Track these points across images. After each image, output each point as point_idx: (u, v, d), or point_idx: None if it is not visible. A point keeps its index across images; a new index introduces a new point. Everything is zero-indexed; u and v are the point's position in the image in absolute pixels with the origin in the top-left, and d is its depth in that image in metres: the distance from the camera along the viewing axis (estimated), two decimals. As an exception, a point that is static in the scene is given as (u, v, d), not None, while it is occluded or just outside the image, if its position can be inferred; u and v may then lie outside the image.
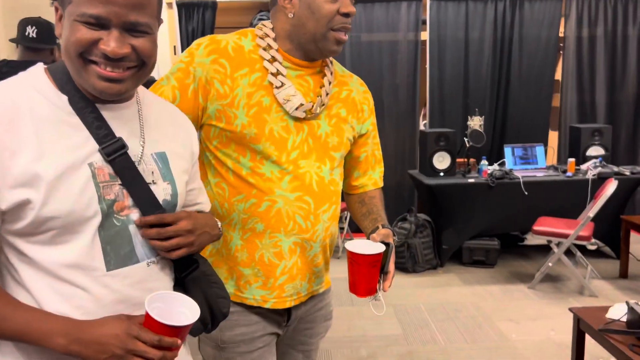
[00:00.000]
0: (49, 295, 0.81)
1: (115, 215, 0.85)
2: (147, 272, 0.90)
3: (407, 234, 3.95)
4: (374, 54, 4.84)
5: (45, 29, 2.38)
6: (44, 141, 0.79)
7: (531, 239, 4.65)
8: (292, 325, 1.33)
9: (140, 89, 0.96)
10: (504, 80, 4.89)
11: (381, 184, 1.44)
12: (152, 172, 0.91)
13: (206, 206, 1.10)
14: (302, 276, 1.26)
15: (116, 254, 0.85)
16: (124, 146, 0.86)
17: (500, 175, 3.93)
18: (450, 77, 4.85)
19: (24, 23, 2.38)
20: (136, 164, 0.88)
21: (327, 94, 1.24)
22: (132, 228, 0.87)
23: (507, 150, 4.28)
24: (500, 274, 3.97)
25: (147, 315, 0.79)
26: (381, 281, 1.18)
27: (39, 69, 0.87)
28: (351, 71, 1.41)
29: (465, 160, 4.22)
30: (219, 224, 1.06)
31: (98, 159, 0.83)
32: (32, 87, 0.83)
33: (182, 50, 4.85)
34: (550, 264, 3.58)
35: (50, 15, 4.61)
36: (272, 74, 1.19)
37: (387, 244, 1.19)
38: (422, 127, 5.01)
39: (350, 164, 1.39)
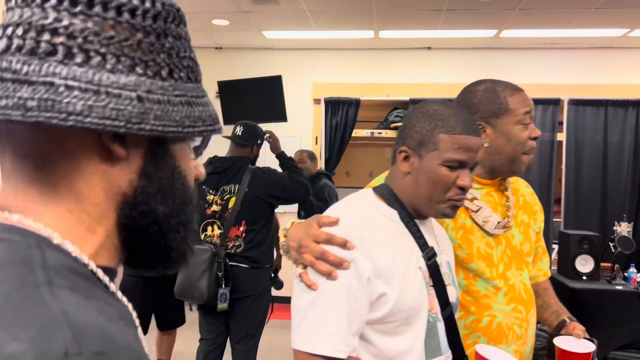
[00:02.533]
0: None
1: (429, 312, 1.04)
2: None
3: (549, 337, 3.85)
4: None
5: (250, 129, 2.81)
6: (389, 246, 1.00)
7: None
8: None
9: None
10: (646, 185, 4.79)
11: (549, 274, 1.51)
12: (447, 276, 1.10)
13: None
14: None
15: (429, 346, 1.03)
16: (435, 253, 1.07)
17: (652, 284, 3.78)
18: (587, 178, 4.84)
19: (236, 125, 2.83)
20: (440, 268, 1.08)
21: (512, 208, 1.36)
22: (440, 325, 1.05)
23: (656, 258, 4.12)
24: (652, 391, 3.71)
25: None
26: None
27: (368, 192, 1.12)
28: None
29: (610, 265, 4.11)
30: None
31: (423, 264, 1.04)
32: (370, 206, 1.07)
33: (325, 141, 5.30)
34: None
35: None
36: (468, 199, 1.31)
37: (591, 340, 1.25)
38: (561, 228, 4.96)
39: None
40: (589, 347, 1.23)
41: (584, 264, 4.03)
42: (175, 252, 0.53)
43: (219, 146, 2.86)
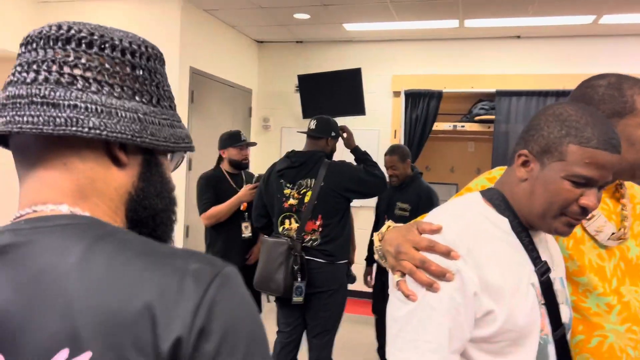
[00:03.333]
0: None
1: (540, 334, 0.93)
2: None
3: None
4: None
5: (323, 122, 2.80)
6: (499, 258, 0.91)
7: None
8: None
9: None
10: None
11: None
12: (560, 294, 0.99)
13: None
14: None
15: None
16: (549, 269, 0.96)
17: None
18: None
19: (311, 119, 2.84)
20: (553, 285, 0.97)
21: (629, 217, 1.21)
22: (551, 347, 0.95)
23: None
24: None
25: None
26: None
27: (475, 196, 1.02)
28: None
29: None
30: None
31: (535, 280, 0.94)
32: (478, 212, 0.98)
33: (404, 134, 5.20)
34: None
35: (292, 102, 5.28)
36: None
37: None
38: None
39: None
40: None
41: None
42: (163, 240, 0.66)
43: (299, 141, 2.89)
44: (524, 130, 0.98)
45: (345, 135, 2.91)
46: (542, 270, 0.95)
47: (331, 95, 5.19)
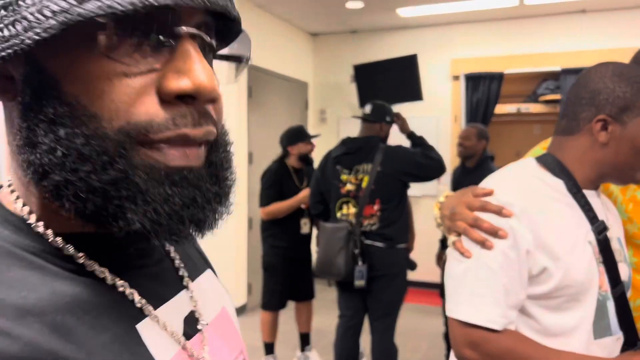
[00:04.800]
0: None
1: (599, 290, 0.93)
2: (615, 345, 0.97)
3: None
4: None
5: (378, 107, 2.79)
6: (555, 217, 0.92)
7: None
8: None
9: None
10: None
11: None
12: (618, 253, 0.98)
13: None
14: None
15: (598, 325, 0.93)
16: (606, 227, 0.96)
17: None
18: None
19: (366, 105, 2.84)
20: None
21: None
22: (610, 304, 0.95)
23: None
24: None
25: None
26: None
27: (530, 161, 1.03)
28: None
29: None
30: None
31: (592, 238, 0.94)
32: (533, 175, 0.99)
33: (465, 119, 5.07)
34: None
35: (348, 93, 5.24)
36: None
37: None
38: None
39: None
40: None
41: None
42: None
43: (356, 132, 2.91)
44: (589, 98, 0.96)
45: (399, 121, 2.89)
46: (600, 228, 0.96)
47: (387, 83, 5.15)
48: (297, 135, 3.22)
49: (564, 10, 4.82)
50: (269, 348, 3.36)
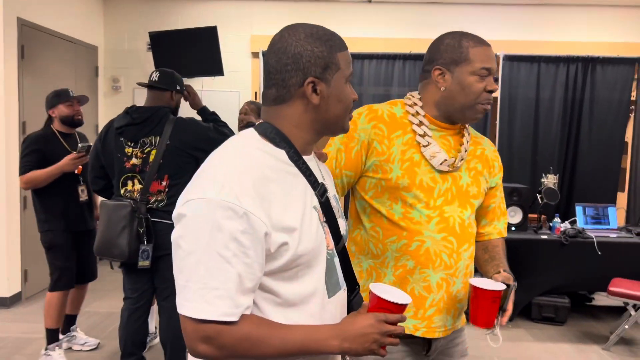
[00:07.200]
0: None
1: (327, 250, 1.00)
2: (343, 296, 1.06)
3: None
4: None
5: (167, 74, 2.65)
6: (284, 189, 0.93)
7: (600, 300, 4.60)
8: (431, 356, 1.46)
9: None
10: (574, 140, 4.97)
11: (505, 234, 1.58)
12: (337, 210, 1.08)
13: None
14: (448, 310, 1.40)
15: (330, 283, 1.00)
16: (326, 190, 1.03)
17: (574, 233, 3.97)
18: (519, 133, 4.97)
19: (152, 72, 2.67)
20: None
21: (465, 151, 1.42)
22: (336, 260, 1.03)
23: (579, 209, 4.32)
24: (571, 332, 3.95)
25: (380, 300, 0.95)
26: (499, 317, 1.30)
27: (251, 132, 1.01)
28: None
29: (537, 216, 4.28)
30: None
31: (316, 203, 0.99)
32: (256, 148, 0.97)
33: (263, 95, 5.17)
34: (626, 327, 3.57)
35: (145, 61, 4.91)
36: (419, 135, 1.39)
37: (507, 285, 1.32)
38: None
39: (479, 213, 1.54)
40: (499, 287, 1.28)
41: (513, 215, 4.18)
42: None
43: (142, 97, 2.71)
44: (292, 61, 0.97)
45: (190, 95, 2.79)
46: (322, 191, 1.01)
47: (186, 54, 4.95)
48: (56, 97, 3.07)
49: (353, -2, 5.20)
50: (53, 335, 3.04)
